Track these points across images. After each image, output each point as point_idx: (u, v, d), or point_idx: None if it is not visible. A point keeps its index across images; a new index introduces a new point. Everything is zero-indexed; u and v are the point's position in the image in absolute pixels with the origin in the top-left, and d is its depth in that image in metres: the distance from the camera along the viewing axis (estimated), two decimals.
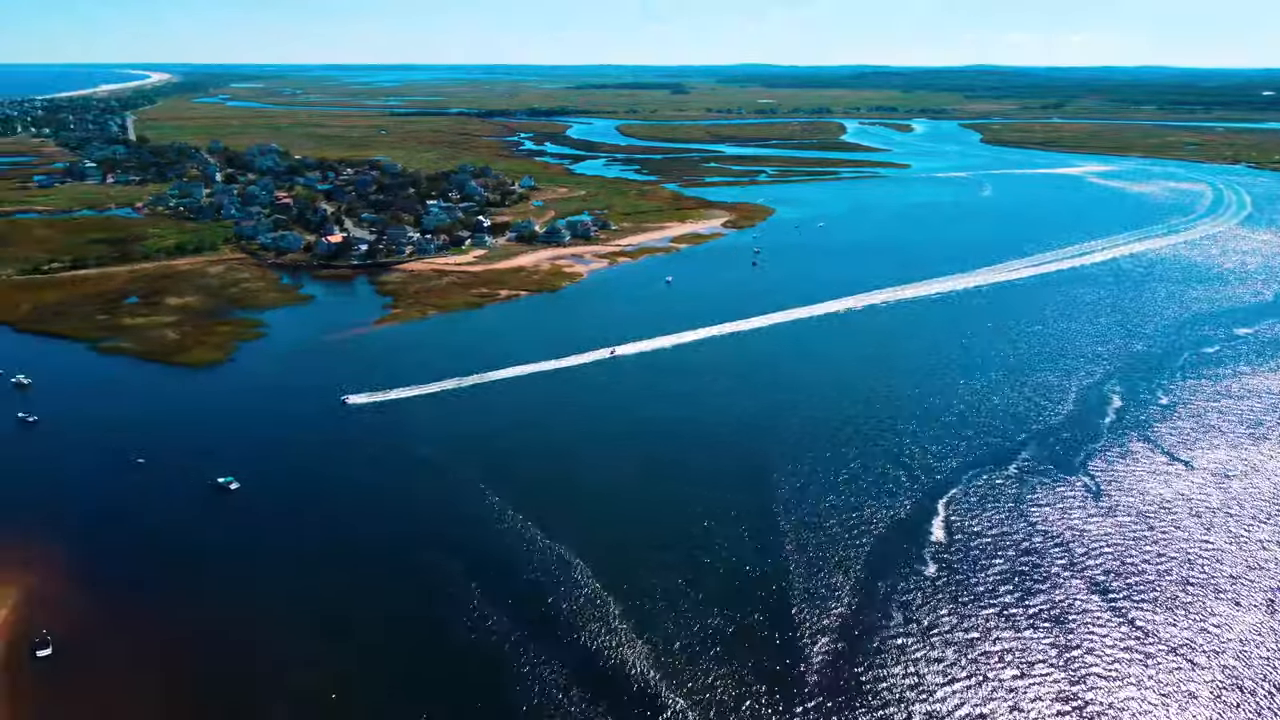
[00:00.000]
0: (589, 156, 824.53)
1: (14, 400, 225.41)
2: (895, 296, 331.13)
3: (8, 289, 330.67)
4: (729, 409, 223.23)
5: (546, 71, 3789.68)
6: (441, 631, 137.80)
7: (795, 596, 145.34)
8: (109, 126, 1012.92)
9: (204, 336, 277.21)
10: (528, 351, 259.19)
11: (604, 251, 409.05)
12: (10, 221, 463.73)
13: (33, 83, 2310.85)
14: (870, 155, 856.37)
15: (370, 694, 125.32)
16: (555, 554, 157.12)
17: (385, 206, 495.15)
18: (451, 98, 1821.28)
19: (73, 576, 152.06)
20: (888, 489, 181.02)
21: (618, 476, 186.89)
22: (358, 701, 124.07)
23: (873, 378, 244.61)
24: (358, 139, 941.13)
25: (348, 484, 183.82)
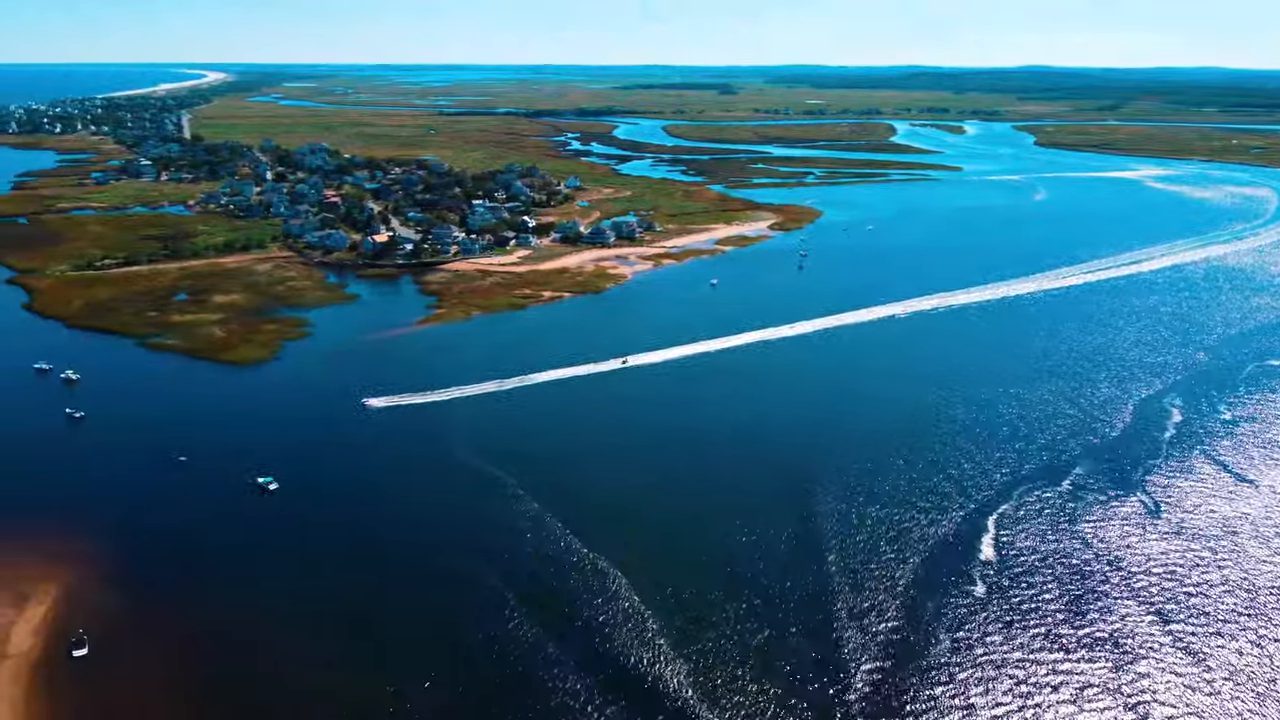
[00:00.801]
0: (635, 157, 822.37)
1: (63, 396, 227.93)
2: (945, 303, 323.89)
3: (62, 285, 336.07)
4: (771, 416, 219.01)
5: (594, 71, 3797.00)
6: (473, 641, 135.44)
7: (838, 614, 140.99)
8: (165, 125, 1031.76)
9: (250, 334, 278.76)
10: (568, 354, 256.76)
11: (648, 253, 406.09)
12: (67, 218, 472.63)
13: (94, 82, 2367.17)
14: (921, 157, 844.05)
15: (405, 701, 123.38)
16: (590, 563, 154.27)
17: (431, 206, 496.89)
18: (499, 97, 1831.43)
19: (112, 574, 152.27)
20: (935, 503, 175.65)
21: (656, 484, 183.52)
22: (396, 708, 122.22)
23: (921, 386, 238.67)
24: (406, 138, 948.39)
25: (386, 487, 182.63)
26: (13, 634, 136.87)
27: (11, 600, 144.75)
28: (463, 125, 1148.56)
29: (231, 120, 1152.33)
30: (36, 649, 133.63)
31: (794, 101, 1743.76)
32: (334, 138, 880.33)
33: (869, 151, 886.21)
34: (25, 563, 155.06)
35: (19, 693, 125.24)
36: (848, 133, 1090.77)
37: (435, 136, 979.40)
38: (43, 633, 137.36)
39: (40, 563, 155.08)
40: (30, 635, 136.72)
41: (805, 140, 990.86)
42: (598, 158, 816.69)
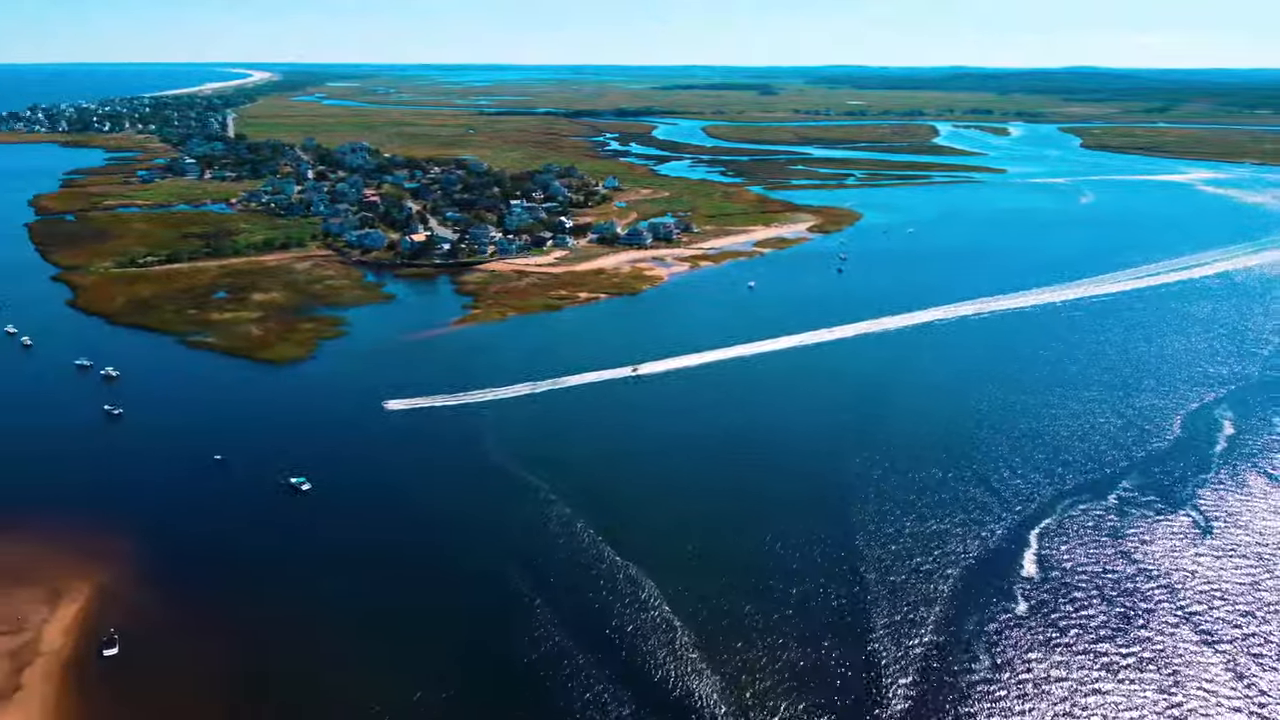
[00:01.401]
0: (673, 157, 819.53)
1: (102, 392, 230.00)
2: (988, 308, 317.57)
3: (106, 282, 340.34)
4: (807, 422, 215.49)
5: (633, 72, 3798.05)
6: (502, 647, 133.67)
7: (874, 629, 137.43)
8: (210, 124, 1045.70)
9: (287, 333, 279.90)
10: (602, 357, 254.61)
11: (685, 254, 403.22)
12: (113, 215, 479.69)
13: (142, 81, 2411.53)
14: (964, 159, 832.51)
15: (432, 705, 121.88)
16: (620, 569, 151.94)
17: (469, 205, 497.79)
18: (539, 97, 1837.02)
19: (145, 573, 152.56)
20: (976, 516, 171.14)
21: (689, 491, 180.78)
22: (423, 712, 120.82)
23: (962, 394, 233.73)
24: (447, 138, 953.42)
25: (418, 489, 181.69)
26: (45, 632, 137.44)
27: (45, 597, 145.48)
28: (502, 125, 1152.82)
29: (275, 119, 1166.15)
30: (68, 647, 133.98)
31: (835, 102, 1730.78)
32: (375, 137, 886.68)
33: (911, 153, 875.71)
34: (60, 559, 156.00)
35: (50, 691, 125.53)
36: (889, 134, 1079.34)
37: (475, 136, 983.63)
38: (74, 631, 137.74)
39: (75, 560, 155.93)
40: (62, 634, 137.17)
41: (846, 141, 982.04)
42: (636, 158, 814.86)
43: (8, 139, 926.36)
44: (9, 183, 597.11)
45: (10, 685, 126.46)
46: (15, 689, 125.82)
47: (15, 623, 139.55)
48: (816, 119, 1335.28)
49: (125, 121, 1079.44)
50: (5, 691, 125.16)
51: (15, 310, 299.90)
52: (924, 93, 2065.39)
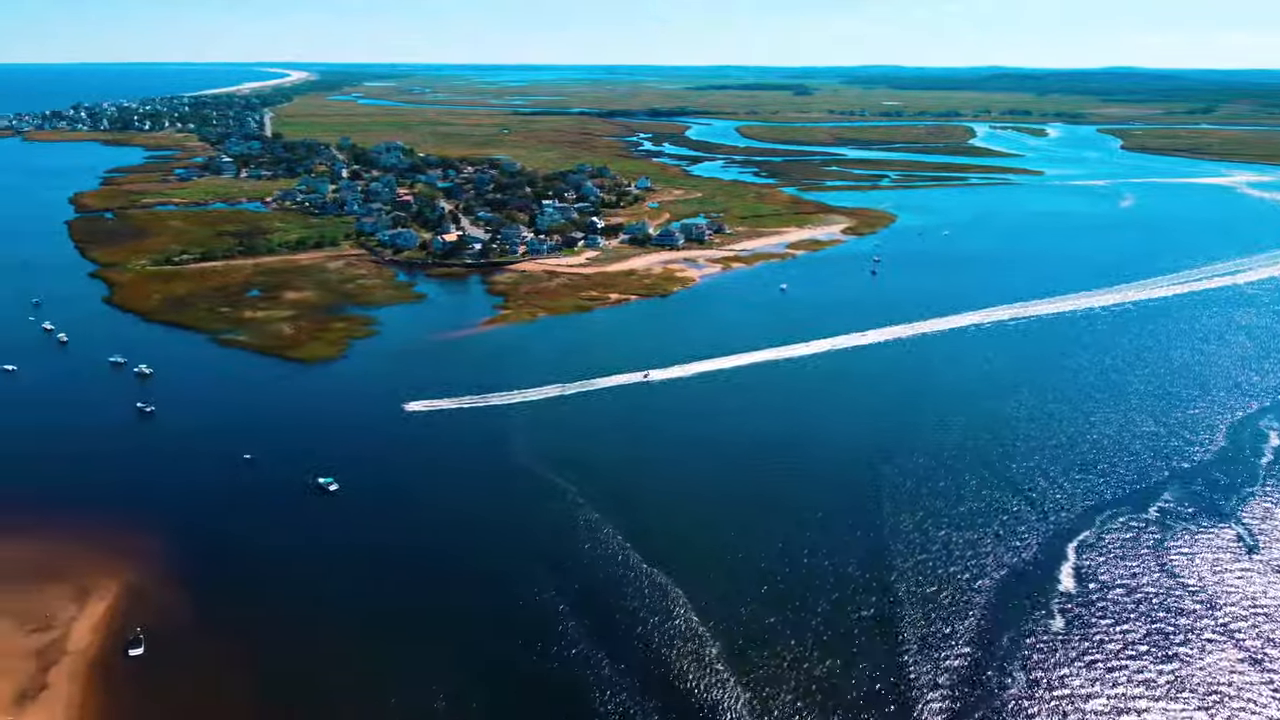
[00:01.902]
0: (707, 158, 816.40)
1: (135, 389, 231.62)
2: (1025, 313, 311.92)
3: (143, 279, 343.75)
4: (839, 428, 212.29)
5: (667, 72, 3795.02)
6: (528, 654, 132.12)
7: (906, 643, 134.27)
8: (247, 123, 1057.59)
9: (319, 332, 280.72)
10: (632, 359, 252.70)
11: (717, 256, 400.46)
12: (151, 213, 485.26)
13: (182, 80, 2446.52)
14: (1001, 161, 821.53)
15: (458, 708, 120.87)
16: (647, 576, 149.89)
17: (502, 205, 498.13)
18: (573, 97, 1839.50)
19: (173, 572, 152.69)
20: (1011, 527, 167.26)
21: (719, 497, 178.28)
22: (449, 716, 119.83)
23: (998, 401, 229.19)
24: (481, 137, 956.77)
25: (446, 491, 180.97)
26: (73, 630, 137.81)
27: (73, 595, 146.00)
28: (536, 125, 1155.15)
29: (312, 119, 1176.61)
30: (94, 646, 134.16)
31: (870, 102, 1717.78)
32: (410, 136, 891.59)
33: (947, 154, 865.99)
34: (90, 557, 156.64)
35: (76, 690, 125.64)
36: (925, 135, 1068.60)
37: (509, 136, 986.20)
38: (101, 630, 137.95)
39: (104, 557, 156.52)
40: (89, 632, 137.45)
41: (881, 142, 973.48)
42: (669, 158, 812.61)
43: (51, 137, 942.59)
44: (51, 181, 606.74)
45: (37, 684, 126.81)
46: (41, 688, 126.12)
47: (44, 620, 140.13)
48: (851, 119, 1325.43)
49: (165, 120, 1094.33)
50: (32, 691, 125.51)
51: (53, 307, 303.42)
52: (960, 93, 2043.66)
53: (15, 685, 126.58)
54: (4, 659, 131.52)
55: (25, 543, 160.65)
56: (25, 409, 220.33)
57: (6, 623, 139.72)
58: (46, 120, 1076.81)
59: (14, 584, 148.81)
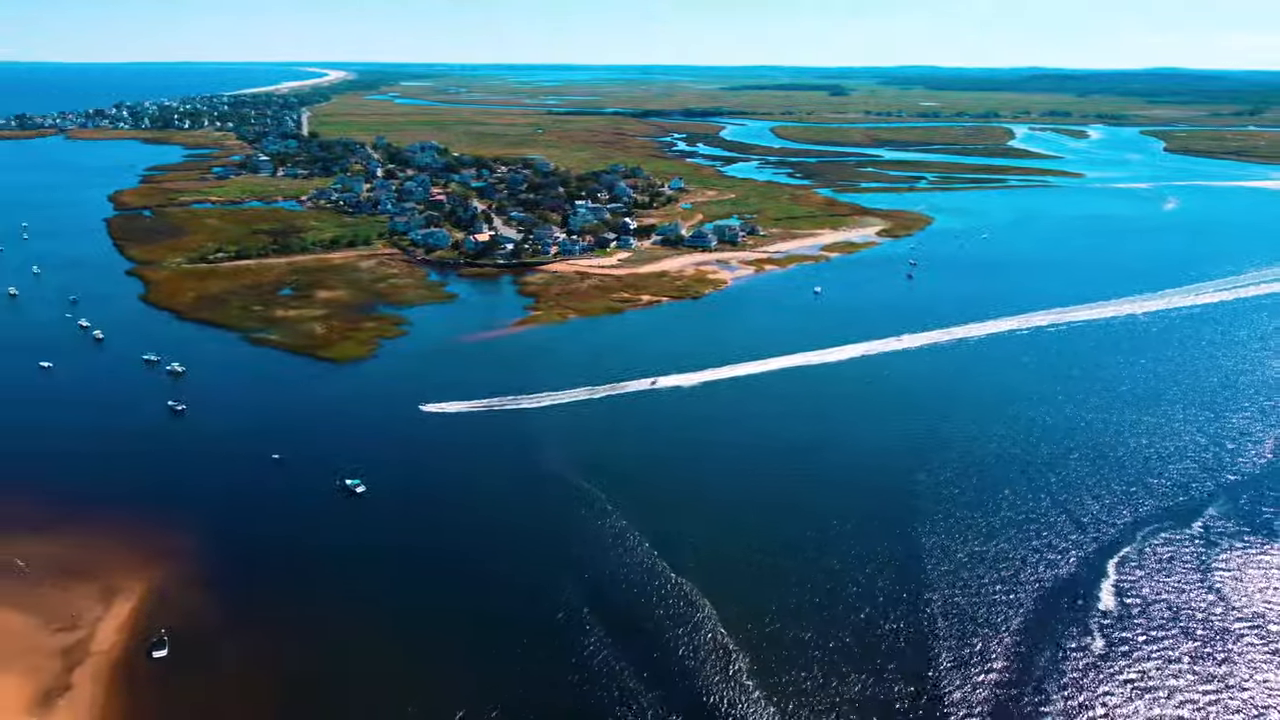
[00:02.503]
0: (741, 158, 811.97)
1: (167, 388, 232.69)
2: (1065, 318, 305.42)
3: (178, 277, 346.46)
4: (873, 435, 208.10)
5: (702, 72, 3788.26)
6: (552, 664, 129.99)
7: (940, 661, 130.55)
8: (285, 122, 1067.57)
9: (350, 331, 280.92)
10: (663, 363, 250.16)
11: (750, 258, 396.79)
12: (188, 211, 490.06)
13: (222, 79, 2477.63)
14: (1041, 163, 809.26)
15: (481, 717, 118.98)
16: (675, 587, 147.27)
17: (535, 205, 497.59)
18: (608, 97, 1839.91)
19: (200, 573, 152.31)
20: (1049, 541, 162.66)
21: (749, 506, 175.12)
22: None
23: (1036, 409, 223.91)
24: (515, 137, 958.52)
25: (474, 494, 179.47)
26: (98, 630, 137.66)
27: (100, 595, 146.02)
28: (571, 125, 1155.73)
29: (348, 118, 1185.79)
30: (118, 647, 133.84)
31: (907, 103, 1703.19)
32: (445, 136, 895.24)
33: (985, 156, 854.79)
34: (118, 556, 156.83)
35: (99, 692, 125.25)
36: (963, 136, 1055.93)
37: (543, 135, 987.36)
38: (126, 630, 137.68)
39: (132, 557, 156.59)
40: (115, 633, 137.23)
41: (918, 143, 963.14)
42: (703, 159, 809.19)
43: (93, 135, 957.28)
44: (93, 178, 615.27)
45: (61, 684, 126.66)
46: (65, 688, 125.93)
47: (70, 619, 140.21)
48: (888, 120, 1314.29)
49: (204, 119, 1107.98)
50: (56, 691, 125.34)
51: (90, 305, 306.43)
52: (999, 94, 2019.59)
53: (40, 685, 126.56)
54: (30, 658, 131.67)
55: (55, 540, 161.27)
56: (59, 407, 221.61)
57: (34, 621, 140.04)
58: (89, 119, 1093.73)
59: (43, 581, 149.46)
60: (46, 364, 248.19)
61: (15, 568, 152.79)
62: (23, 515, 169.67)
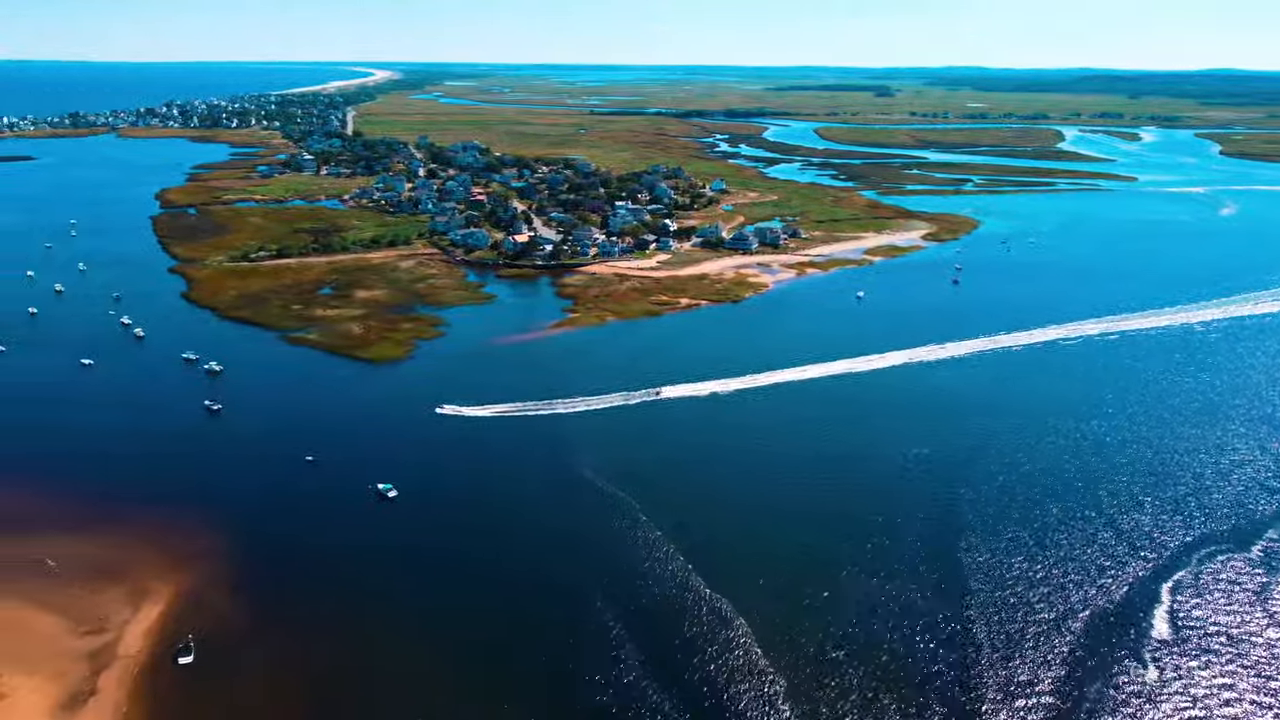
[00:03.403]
0: (784, 160, 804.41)
1: (204, 387, 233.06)
2: (1116, 327, 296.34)
3: (220, 275, 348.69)
4: (915, 447, 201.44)
5: (746, 72, 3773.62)
6: (581, 678, 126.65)
7: (983, 690, 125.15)
8: (330, 121, 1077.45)
9: (387, 332, 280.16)
10: (701, 368, 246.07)
11: (792, 261, 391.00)
12: (232, 209, 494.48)
13: (272, 79, 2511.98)
14: (1091, 166, 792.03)
15: None
16: (708, 602, 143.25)
17: (575, 206, 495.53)
18: (651, 98, 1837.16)
19: (230, 577, 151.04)
20: (1100, 563, 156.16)
21: (786, 518, 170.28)
22: None
23: (1086, 422, 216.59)
24: (557, 137, 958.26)
25: (507, 501, 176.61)
26: (126, 634, 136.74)
27: (129, 597, 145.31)
28: (613, 125, 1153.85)
29: (393, 117, 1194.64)
30: (145, 652, 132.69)
31: (954, 105, 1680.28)
32: (487, 135, 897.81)
33: (1033, 158, 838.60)
34: (148, 558, 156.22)
35: (123, 698, 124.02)
36: (1011, 138, 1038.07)
37: (585, 136, 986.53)
38: (154, 635, 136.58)
39: (162, 559, 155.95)
40: (142, 637, 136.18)
41: (965, 145, 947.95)
42: (745, 160, 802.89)
43: (143, 134, 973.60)
44: (141, 176, 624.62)
45: (87, 688, 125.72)
46: (91, 693, 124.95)
47: (98, 622, 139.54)
48: (934, 122, 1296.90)
49: (251, 118, 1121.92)
50: (81, 695, 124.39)
51: (132, 302, 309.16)
52: (1049, 95, 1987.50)
53: (67, 689, 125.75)
54: (58, 660, 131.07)
55: (88, 540, 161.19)
56: (97, 405, 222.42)
57: (64, 622, 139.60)
58: (140, 117, 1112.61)
59: (74, 582, 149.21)
60: (87, 361, 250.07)
61: (46, 567, 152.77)
62: (58, 514, 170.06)
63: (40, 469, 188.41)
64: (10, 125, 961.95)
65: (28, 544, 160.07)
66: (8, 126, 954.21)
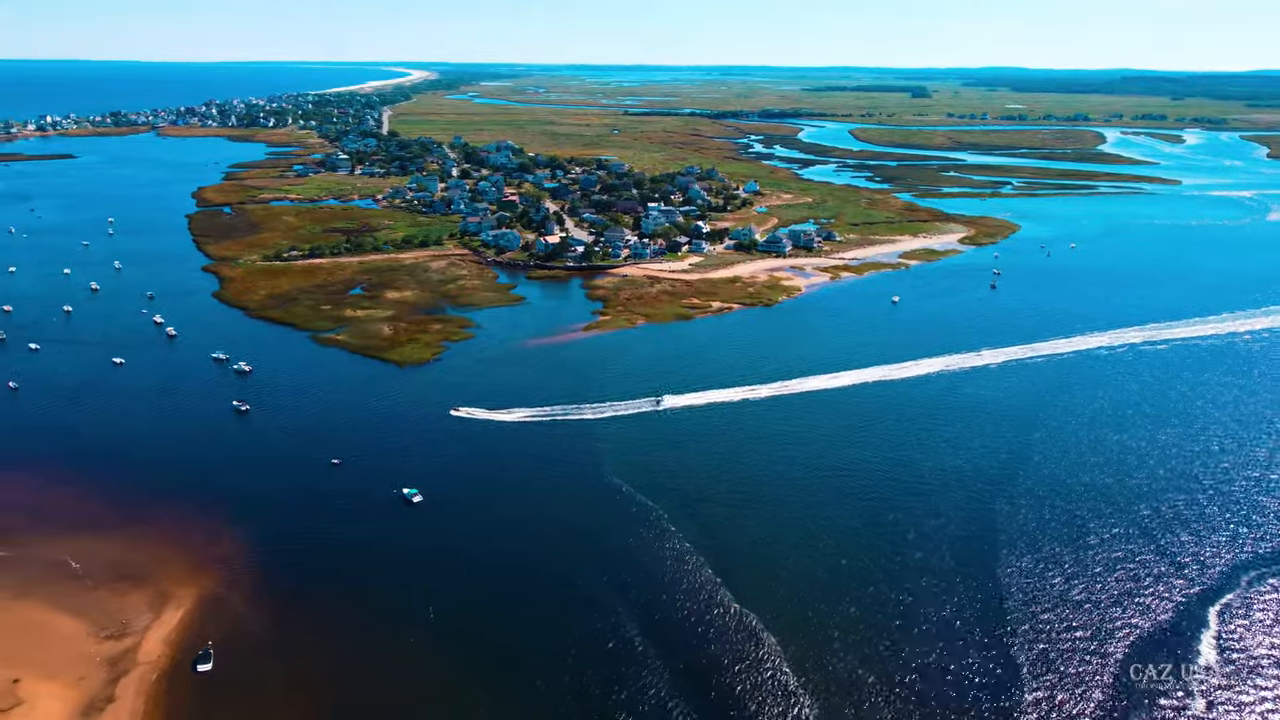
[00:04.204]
0: (819, 161, 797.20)
1: (233, 387, 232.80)
2: (1161, 335, 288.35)
3: (252, 275, 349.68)
4: (952, 460, 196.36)
5: (782, 73, 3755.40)
6: (606, 692, 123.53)
7: (1023, 716, 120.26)
8: (366, 120, 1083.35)
9: (416, 333, 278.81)
10: (731, 374, 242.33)
11: (826, 264, 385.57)
12: (266, 208, 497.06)
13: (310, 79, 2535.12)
14: (1133, 169, 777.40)
15: None
16: (737, 619, 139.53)
17: (607, 207, 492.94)
18: (685, 98, 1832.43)
19: (251, 583, 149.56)
20: (1144, 584, 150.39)
21: (818, 532, 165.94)
22: None
23: (1128, 434, 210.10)
24: (591, 138, 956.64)
25: (533, 508, 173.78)
26: (146, 640, 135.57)
27: (151, 601, 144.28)
28: (647, 125, 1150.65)
29: (428, 117, 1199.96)
30: (164, 659, 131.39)
31: (992, 106, 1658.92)
32: (521, 136, 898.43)
33: (1073, 161, 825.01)
34: (172, 560, 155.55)
35: (140, 707, 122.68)
36: (1050, 140, 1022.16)
37: (618, 136, 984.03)
38: (173, 641, 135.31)
39: (186, 562, 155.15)
40: (162, 642, 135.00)
41: (1003, 147, 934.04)
42: (780, 161, 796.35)
43: (182, 133, 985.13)
44: (180, 174, 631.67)
45: (105, 695, 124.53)
46: (109, 700, 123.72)
47: (120, 626, 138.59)
48: (971, 123, 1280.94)
49: (289, 117, 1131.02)
50: (99, 702, 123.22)
51: (165, 301, 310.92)
52: (1089, 96, 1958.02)
53: (86, 695, 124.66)
54: (78, 665, 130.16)
55: (113, 541, 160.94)
56: (127, 406, 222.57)
57: (85, 626, 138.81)
58: (180, 116, 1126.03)
59: (99, 585, 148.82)
60: (119, 360, 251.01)
61: (71, 569, 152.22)
62: (85, 514, 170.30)
63: (69, 468, 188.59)
64: (53, 124, 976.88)
65: (55, 543, 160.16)
66: (50, 125, 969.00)
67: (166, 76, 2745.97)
